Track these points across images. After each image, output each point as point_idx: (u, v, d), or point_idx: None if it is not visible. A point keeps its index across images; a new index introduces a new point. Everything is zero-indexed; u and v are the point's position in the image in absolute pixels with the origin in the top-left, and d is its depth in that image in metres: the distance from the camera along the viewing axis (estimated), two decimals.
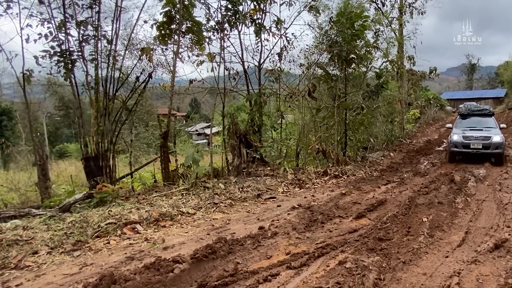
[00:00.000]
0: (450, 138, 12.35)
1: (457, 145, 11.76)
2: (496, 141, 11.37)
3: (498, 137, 11.44)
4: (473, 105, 13.73)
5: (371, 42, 12.93)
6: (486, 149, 11.38)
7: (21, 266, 3.80)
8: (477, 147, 11.48)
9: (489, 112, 13.28)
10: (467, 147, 11.62)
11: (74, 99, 7.42)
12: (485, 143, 11.43)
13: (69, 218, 5.03)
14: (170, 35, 8.13)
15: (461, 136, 11.83)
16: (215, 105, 9.23)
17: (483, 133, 11.85)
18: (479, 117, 13.19)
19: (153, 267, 3.61)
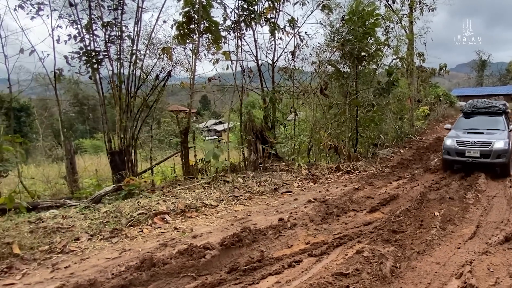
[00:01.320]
0: (443, 142, 10.11)
1: (449, 152, 9.56)
2: (498, 148, 9.01)
3: (501, 143, 9.07)
4: (479, 102, 11.20)
5: (381, 39, 13.07)
6: (485, 157, 9.07)
7: (66, 251, 4.14)
8: (473, 155, 9.21)
9: (498, 110, 10.71)
10: (461, 155, 9.36)
11: (99, 97, 7.74)
12: (484, 151, 9.12)
13: (103, 208, 5.37)
14: (189, 34, 8.39)
15: (455, 141, 9.55)
16: (231, 102, 9.50)
17: (483, 137, 9.53)
18: (485, 116, 10.78)
19: (186, 253, 3.91)
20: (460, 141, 9.52)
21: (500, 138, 9.34)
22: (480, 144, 9.25)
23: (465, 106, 11.43)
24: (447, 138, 9.89)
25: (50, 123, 24.67)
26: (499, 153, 9.02)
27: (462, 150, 9.33)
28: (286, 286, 3.40)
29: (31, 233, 4.39)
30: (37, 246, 4.16)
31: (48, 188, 7.30)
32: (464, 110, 11.45)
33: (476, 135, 9.70)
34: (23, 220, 4.76)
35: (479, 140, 9.35)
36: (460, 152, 9.37)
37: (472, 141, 9.35)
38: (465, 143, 9.41)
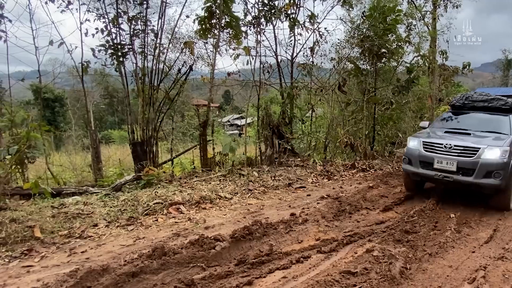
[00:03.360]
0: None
1: (411, 160, 6.29)
2: (489, 159, 5.56)
3: (495, 152, 5.59)
4: (477, 93, 7.46)
5: (403, 36, 12.58)
6: (465, 173, 5.68)
7: (84, 236, 4.21)
8: (446, 167, 5.82)
9: (504, 105, 6.94)
10: (427, 166, 6.04)
11: (124, 89, 7.82)
12: (464, 162, 5.67)
13: (122, 196, 5.44)
14: (210, 29, 8.34)
15: (421, 143, 6.24)
16: (250, 97, 9.41)
17: (467, 140, 6.01)
18: (483, 114, 7.05)
19: (197, 243, 3.89)
20: (428, 144, 6.13)
21: (496, 144, 5.71)
22: (459, 150, 5.75)
23: (455, 98, 7.64)
24: (411, 138, 6.58)
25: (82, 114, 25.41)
26: (490, 168, 5.45)
27: (429, 158, 5.97)
28: (292, 282, 3.31)
29: (53, 218, 4.49)
30: (57, 231, 4.25)
31: (75, 176, 7.49)
32: (453, 103, 7.56)
33: (457, 137, 6.23)
34: (47, 205, 4.88)
35: (458, 144, 5.80)
36: (426, 162, 6.02)
37: (447, 145, 5.86)
38: (435, 147, 6.01)
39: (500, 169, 5.47)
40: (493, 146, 5.67)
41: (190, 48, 7.92)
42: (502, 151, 5.58)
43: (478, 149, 5.66)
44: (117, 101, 27.37)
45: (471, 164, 5.64)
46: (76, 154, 11.33)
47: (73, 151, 12.80)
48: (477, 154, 5.64)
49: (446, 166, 5.85)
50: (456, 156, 5.79)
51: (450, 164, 5.80)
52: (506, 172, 5.52)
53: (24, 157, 5.26)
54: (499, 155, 5.55)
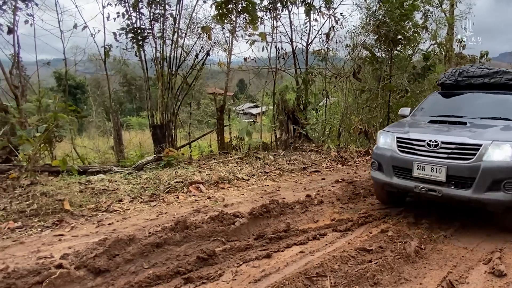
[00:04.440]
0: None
1: (381, 164, 4.45)
2: (496, 162, 3.71)
3: (506, 150, 3.71)
4: (475, 66, 5.47)
5: (419, 23, 12.21)
6: (459, 185, 3.83)
7: (110, 210, 4.34)
8: (430, 175, 3.93)
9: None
10: (404, 174, 4.18)
11: (143, 74, 7.90)
12: (457, 168, 3.82)
13: (144, 175, 5.56)
14: (227, 14, 8.29)
15: (395, 139, 4.33)
16: (266, 82, 9.37)
17: (462, 133, 4.16)
18: (484, 93, 5.17)
19: (217, 219, 3.96)
20: (404, 141, 4.22)
21: (506, 137, 3.87)
22: (449, 149, 3.90)
23: (445, 74, 5.67)
24: (382, 133, 4.65)
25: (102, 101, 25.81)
26: (498, 175, 3.67)
27: (406, 163, 4.11)
28: (309, 256, 3.35)
29: (81, 193, 4.64)
30: (85, 204, 4.40)
31: (98, 157, 7.68)
32: (442, 81, 5.61)
33: (447, 128, 4.40)
34: (74, 181, 5.04)
35: (448, 141, 3.95)
36: (401, 168, 4.17)
37: (431, 142, 3.98)
38: (414, 146, 4.13)
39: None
40: (502, 141, 3.72)
41: (207, 33, 7.91)
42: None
43: (478, 147, 3.70)
44: (135, 89, 27.64)
45: (468, 171, 3.69)
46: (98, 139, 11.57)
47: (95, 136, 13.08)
48: (477, 154, 3.69)
49: (430, 174, 3.87)
50: (446, 158, 3.84)
51: (436, 171, 3.84)
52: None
53: (52, 136, 5.43)
54: (511, 155, 3.63)
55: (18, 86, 6.33)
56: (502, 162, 3.73)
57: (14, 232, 3.64)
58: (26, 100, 6.96)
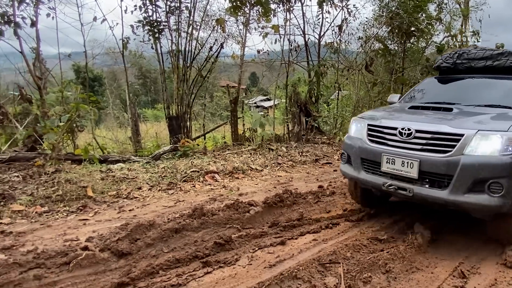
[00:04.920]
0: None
1: (350, 156, 3.79)
2: (479, 157, 2.91)
3: (494, 142, 2.92)
4: (479, 48, 4.81)
5: (433, 14, 11.90)
6: (434, 184, 3.11)
7: (131, 197, 4.46)
8: (401, 170, 3.22)
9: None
10: (373, 168, 3.50)
11: (159, 66, 7.97)
12: (432, 162, 3.06)
13: (161, 165, 5.67)
14: (240, 7, 8.25)
15: (366, 127, 3.64)
16: (278, 75, 9.34)
17: (441, 120, 3.33)
18: (487, 79, 4.34)
19: (232, 207, 4.02)
20: (375, 129, 3.59)
21: (495, 127, 3.11)
22: (424, 139, 3.20)
23: (442, 57, 4.93)
24: (354, 120, 4.03)
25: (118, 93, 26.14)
26: (481, 173, 2.90)
27: (374, 155, 3.48)
28: (322, 244, 3.39)
29: (102, 180, 4.77)
30: (107, 191, 4.52)
31: (116, 147, 7.83)
32: (438, 64, 4.93)
33: (428, 115, 3.69)
34: (96, 169, 5.18)
35: (422, 129, 3.23)
36: (370, 161, 3.55)
37: (404, 130, 3.29)
38: (384, 135, 3.48)
39: (503, 175, 2.83)
40: (489, 131, 2.98)
41: (221, 25, 7.90)
42: (507, 139, 2.89)
43: (459, 137, 2.99)
44: (150, 81, 27.89)
45: (444, 167, 3.00)
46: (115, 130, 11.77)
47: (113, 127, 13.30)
48: (457, 146, 2.98)
49: (401, 169, 3.22)
50: (419, 150, 3.16)
51: (407, 166, 3.18)
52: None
53: (74, 126, 5.57)
54: (501, 148, 2.88)
55: (41, 77, 6.48)
56: (488, 157, 2.92)
57: (41, 216, 3.78)
58: (46, 92, 7.12)
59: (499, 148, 2.91)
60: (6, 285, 2.46)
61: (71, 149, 6.07)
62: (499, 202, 2.86)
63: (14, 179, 4.50)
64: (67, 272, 2.68)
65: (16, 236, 3.28)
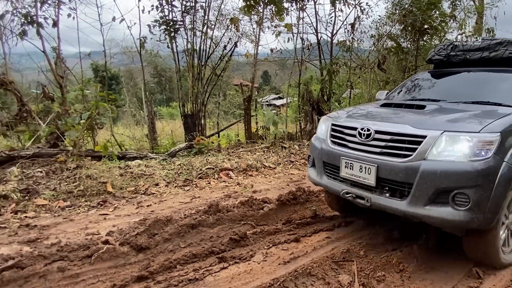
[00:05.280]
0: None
1: (315, 160, 3.38)
2: (442, 162, 2.45)
3: (462, 145, 2.44)
4: (477, 39, 4.04)
5: (447, 12, 11.60)
6: (393, 193, 2.67)
7: (148, 193, 4.51)
8: (359, 176, 2.81)
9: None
10: (333, 173, 3.13)
11: (175, 65, 8.02)
12: (390, 168, 2.62)
13: (177, 162, 5.72)
14: (254, 6, 8.22)
15: (330, 127, 3.25)
16: (291, 73, 9.27)
17: (406, 119, 2.93)
18: (482, 72, 3.80)
19: (247, 204, 4.03)
20: (337, 129, 3.18)
21: (467, 127, 2.58)
22: (384, 140, 2.75)
23: (435, 50, 4.46)
24: (322, 120, 3.61)
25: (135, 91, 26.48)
26: (444, 182, 2.42)
27: (335, 158, 3.07)
28: (336, 242, 3.35)
29: (121, 176, 4.84)
30: (126, 187, 4.59)
31: (133, 144, 7.93)
32: (430, 57, 4.48)
33: (395, 113, 3.26)
34: (115, 166, 5.26)
35: (382, 129, 2.79)
36: (330, 165, 3.17)
37: (364, 130, 2.85)
38: (345, 136, 3.07)
39: (470, 185, 2.37)
40: (456, 133, 2.51)
41: (235, 24, 7.88)
42: (477, 142, 2.42)
43: (421, 139, 2.56)
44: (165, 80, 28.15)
45: (403, 173, 2.57)
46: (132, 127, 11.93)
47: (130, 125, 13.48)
48: (419, 149, 2.55)
49: (359, 175, 2.83)
50: (378, 154, 2.75)
51: (365, 172, 2.78)
52: (486, 191, 2.38)
53: (94, 123, 5.66)
54: (470, 152, 2.42)
55: (63, 76, 6.61)
56: (453, 163, 2.45)
57: (64, 210, 3.87)
58: (67, 90, 7.27)
59: (467, 153, 2.45)
60: (32, 277, 2.52)
61: (91, 146, 6.18)
62: (465, 217, 2.39)
63: (37, 175, 4.61)
64: (89, 265, 2.74)
65: (41, 230, 3.36)
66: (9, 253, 2.76)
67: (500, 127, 2.53)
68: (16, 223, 3.45)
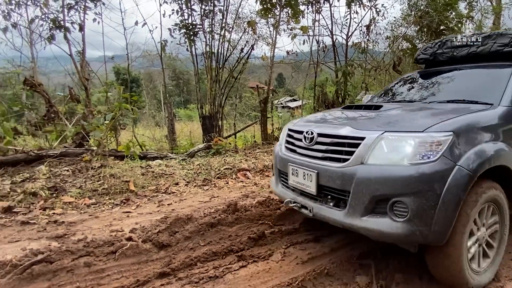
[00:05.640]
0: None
1: (274, 166, 3.24)
2: (378, 168, 2.10)
3: (402, 147, 2.09)
4: (466, 35, 3.75)
5: (464, 12, 11.26)
6: (332, 202, 2.39)
7: (169, 192, 4.55)
8: (303, 185, 2.56)
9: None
10: (285, 181, 2.89)
11: (194, 67, 8.08)
12: (328, 174, 2.32)
13: (196, 162, 5.75)
14: (271, 9, 8.21)
15: (286, 132, 3.03)
16: (306, 75, 9.20)
17: (354, 120, 2.65)
18: (470, 69, 3.43)
19: (264, 204, 3.99)
20: (290, 133, 2.95)
21: (412, 127, 2.22)
22: (325, 144, 2.45)
23: (422, 48, 4.22)
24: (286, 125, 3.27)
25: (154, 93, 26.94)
26: (379, 189, 2.06)
27: (285, 164, 2.82)
28: (354, 243, 3.27)
29: (143, 175, 4.90)
30: (147, 186, 4.64)
31: (154, 144, 8.04)
32: (415, 57, 4.32)
33: (346, 116, 2.95)
34: (137, 165, 5.33)
35: (324, 132, 2.50)
36: (283, 172, 2.92)
37: (309, 134, 2.57)
38: (294, 141, 2.81)
39: (408, 192, 2.00)
40: (397, 133, 2.19)
41: (252, 27, 7.89)
42: (420, 143, 2.07)
43: (359, 141, 2.26)
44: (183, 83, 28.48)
45: (340, 179, 2.28)
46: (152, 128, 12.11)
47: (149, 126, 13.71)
48: (356, 153, 2.24)
49: (303, 183, 2.59)
50: (320, 159, 2.47)
51: (307, 178, 2.53)
52: (429, 200, 1.97)
53: (117, 124, 5.76)
54: (411, 155, 2.07)
55: (88, 78, 6.76)
56: (390, 167, 2.10)
57: (89, 208, 3.94)
58: (90, 92, 7.44)
59: (408, 155, 2.07)
60: (60, 271, 2.57)
61: (114, 146, 6.30)
62: (403, 230, 2.00)
63: (64, 173, 4.73)
64: (113, 260, 2.77)
65: (68, 226, 3.43)
66: (38, 248, 2.82)
67: (454, 125, 2.16)
68: (44, 219, 3.54)
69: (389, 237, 2.11)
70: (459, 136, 2.11)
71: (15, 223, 3.43)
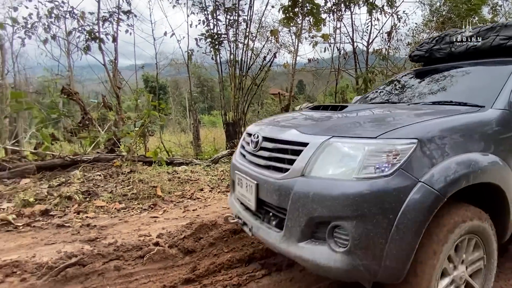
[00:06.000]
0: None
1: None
2: (329, 180, 1.61)
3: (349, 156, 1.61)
4: (468, 29, 3.23)
5: (487, 17, 10.70)
6: (271, 221, 1.94)
7: (194, 198, 4.56)
8: (245, 197, 2.16)
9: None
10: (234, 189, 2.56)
11: (218, 75, 8.17)
12: (267, 186, 1.88)
13: (220, 168, 5.76)
14: (293, 18, 8.16)
15: (244, 137, 2.57)
16: (328, 82, 9.06)
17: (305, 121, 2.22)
18: (468, 67, 2.88)
19: None
20: (245, 136, 2.52)
21: (368, 132, 1.71)
22: (269, 150, 2.01)
23: (418, 45, 3.83)
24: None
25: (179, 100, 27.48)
26: (321, 210, 1.56)
27: (233, 171, 2.51)
28: None
29: (169, 181, 4.95)
30: (173, 191, 4.67)
31: (179, 150, 8.15)
32: (409, 55, 3.98)
33: (304, 117, 2.39)
34: (164, 171, 5.40)
35: (268, 136, 2.05)
36: (233, 181, 2.56)
37: (255, 137, 2.15)
38: (245, 145, 2.44)
39: (349, 215, 1.51)
40: (345, 138, 1.71)
41: (275, 36, 7.87)
42: (370, 152, 1.58)
43: (303, 147, 1.78)
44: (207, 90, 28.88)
45: (276, 194, 1.83)
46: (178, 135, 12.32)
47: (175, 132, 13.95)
48: (296, 162, 1.77)
49: (245, 195, 2.22)
50: (262, 167, 2.05)
51: (248, 190, 2.14)
52: (377, 226, 1.48)
53: (146, 131, 5.89)
54: (357, 166, 1.58)
55: (120, 87, 6.97)
56: (332, 182, 1.63)
57: (119, 212, 4.02)
58: (121, 100, 7.67)
59: (354, 167, 1.59)
60: (91, 274, 2.61)
61: (142, 152, 6.43)
62: (342, 263, 1.53)
63: (97, 178, 4.86)
64: (141, 265, 2.79)
65: (99, 230, 3.50)
66: (72, 251, 2.88)
67: (420, 131, 1.65)
68: (78, 222, 3.63)
69: (327, 271, 1.59)
70: (425, 144, 1.60)
71: (51, 226, 3.54)
